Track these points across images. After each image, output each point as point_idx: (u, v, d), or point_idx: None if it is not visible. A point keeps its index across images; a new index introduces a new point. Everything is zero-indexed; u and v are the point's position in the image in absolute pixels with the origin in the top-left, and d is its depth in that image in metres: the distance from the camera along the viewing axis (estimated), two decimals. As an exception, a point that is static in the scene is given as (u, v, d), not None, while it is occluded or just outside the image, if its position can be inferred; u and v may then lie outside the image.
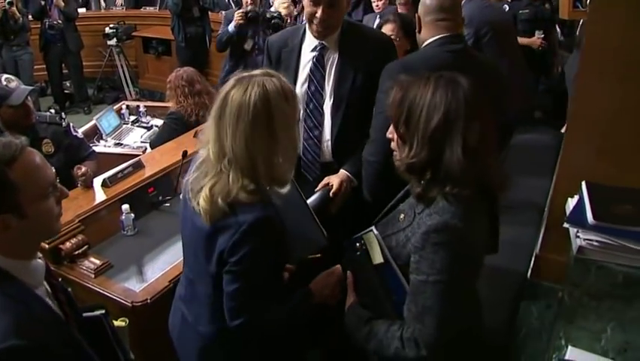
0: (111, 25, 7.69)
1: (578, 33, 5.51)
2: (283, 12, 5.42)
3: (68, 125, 3.37)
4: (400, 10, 4.33)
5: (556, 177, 2.42)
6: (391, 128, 1.66)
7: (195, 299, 1.91)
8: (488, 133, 1.57)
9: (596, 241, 1.86)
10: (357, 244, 1.77)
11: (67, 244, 2.63)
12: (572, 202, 2.09)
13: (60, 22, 7.11)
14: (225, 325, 1.79)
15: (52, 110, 3.92)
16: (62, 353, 1.40)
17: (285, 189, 1.80)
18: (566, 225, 1.93)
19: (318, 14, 2.33)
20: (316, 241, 2.08)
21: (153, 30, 8.21)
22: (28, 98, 3.02)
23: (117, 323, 2.13)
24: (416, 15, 2.49)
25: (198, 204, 1.71)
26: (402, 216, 1.71)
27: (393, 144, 1.67)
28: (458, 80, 1.57)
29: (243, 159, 1.66)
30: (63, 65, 7.55)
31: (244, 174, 1.68)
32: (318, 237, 2.07)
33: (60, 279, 1.70)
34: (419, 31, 2.48)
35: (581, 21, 5.02)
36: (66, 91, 7.83)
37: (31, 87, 3.18)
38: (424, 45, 2.46)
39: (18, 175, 1.34)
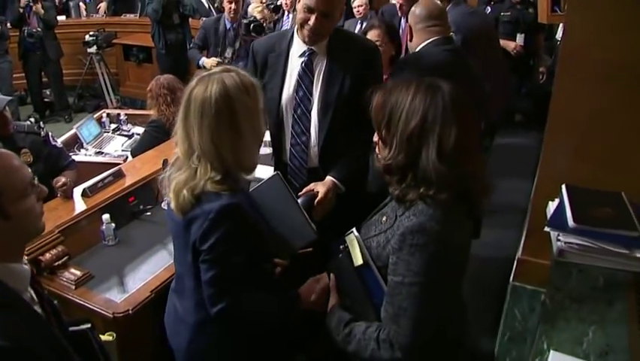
0: (91, 33, 7.61)
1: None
2: (258, 16, 5.43)
3: (47, 134, 3.33)
4: (396, 0, 4.35)
5: (537, 180, 2.43)
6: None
7: (183, 292, 1.95)
8: (468, 139, 1.57)
9: (577, 244, 1.86)
10: (341, 246, 1.78)
11: (47, 255, 2.59)
12: (552, 205, 2.09)
13: (39, 30, 7.05)
14: (210, 315, 1.83)
15: (32, 119, 3.88)
16: (48, 358, 1.38)
17: (251, 175, 1.90)
18: (547, 229, 1.93)
19: (311, 22, 2.32)
20: (306, 235, 2.10)
21: (134, 37, 8.17)
22: (6, 108, 2.99)
23: (104, 337, 2.15)
24: (407, 25, 2.70)
25: (171, 199, 1.80)
26: (384, 218, 1.72)
27: (377, 147, 1.69)
28: (439, 86, 1.59)
29: (211, 154, 1.75)
30: (43, 73, 7.48)
31: (213, 166, 1.76)
32: (307, 231, 2.10)
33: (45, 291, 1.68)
34: (411, 40, 2.72)
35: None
36: (46, 99, 7.75)
37: (9, 97, 3.15)
38: (418, 48, 2.70)
39: None
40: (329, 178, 2.44)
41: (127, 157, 4.48)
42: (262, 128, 1.86)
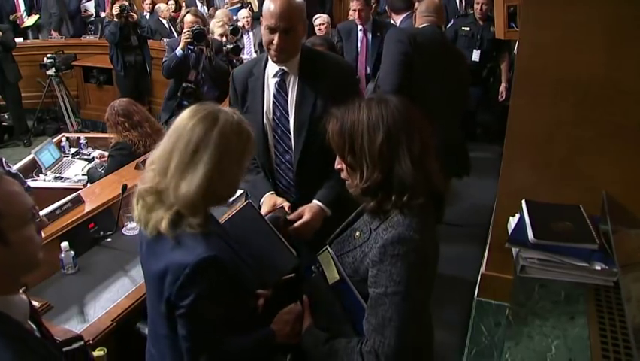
0: (49, 55, 7.45)
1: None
2: (219, 31, 5.44)
3: (1, 160, 3.26)
4: (354, 7, 4.91)
5: (498, 196, 2.46)
6: (338, 159, 1.69)
7: (157, 339, 1.84)
8: (428, 139, 1.62)
9: (538, 259, 1.88)
10: (312, 267, 1.78)
11: (3, 287, 2.50)
12: (513, 221, 2.12)
13: (-4, 52, 6.90)
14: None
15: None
16: None
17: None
18: (507, 245, 1.95)
19: (275, 41, 2.33)
20: (286, 261, 2.06)
21: (94, 59, 8.03)
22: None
23: (96, 353, 2.15)
24: (364, 37, 4.29)
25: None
26: (357, 233, 1.73)
27: (343, 174, 1.69)
28: (387, 99, 1.63)
29: (164, 161, 1.65)
30: (0, 96, 7.32)
31: (161, 176, 1.65)
32: (287, 257, 2.06)
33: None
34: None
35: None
36: (4, 123, 7.55)
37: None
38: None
39: None
40: (315, 203, 2.42)
41: (87, 182, 4.39)
42: (237, 178, 1.73)
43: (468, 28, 5.95)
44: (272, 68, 2.48)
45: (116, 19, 6.53)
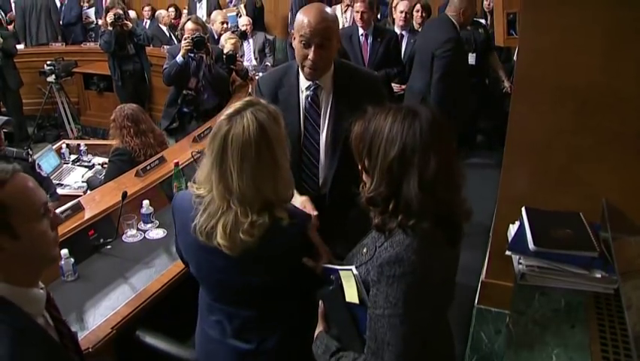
0: (48, 62, 7.44)
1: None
2: (229, 47, 5.43)
3: (34, 162, 3.30)
4: (357, 9, 4.79)
5: (498, 203, 2.45)
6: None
7: (251, 329, 1.94)
8: (447, 166, 1.55)
9: (538, 266, 1.88)
10: (333, 278, 1.73)
11: (2, 294, 2.50)
12: (513, 228, 2.11)
13: (-2, 59, 6.90)
14: (296, 323, 1.94)
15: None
16: None
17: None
18: (508, 252, 1.95)
19: (310, 56, 2.31)
20: None
21: (94, 66, 8.02)
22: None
23: None
24: (365, 41, 4.72)
25: (219, 244, 1.76)
26: (364, 250, 1.70)
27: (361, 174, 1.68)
28: (418, 112, 1.56)
29: (252, 196, 1.73)
30: (1, 103, 7.32)
31: (253, 209, 1.74)
32: None
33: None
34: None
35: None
36: (5, 130, 7.54)
37: (4, 118, 3.12)
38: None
39: (8, 196, 1.39)
40: None
41: (87, 189, 4.39)
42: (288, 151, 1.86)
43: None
44: (304, 80, 2.47)
45: (110, 28, 6.51)
